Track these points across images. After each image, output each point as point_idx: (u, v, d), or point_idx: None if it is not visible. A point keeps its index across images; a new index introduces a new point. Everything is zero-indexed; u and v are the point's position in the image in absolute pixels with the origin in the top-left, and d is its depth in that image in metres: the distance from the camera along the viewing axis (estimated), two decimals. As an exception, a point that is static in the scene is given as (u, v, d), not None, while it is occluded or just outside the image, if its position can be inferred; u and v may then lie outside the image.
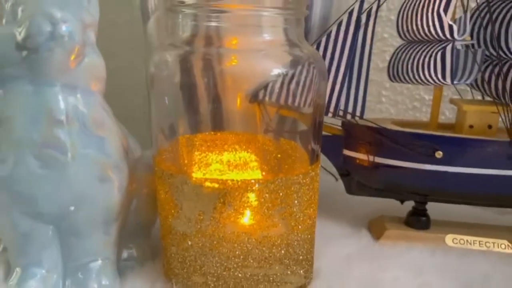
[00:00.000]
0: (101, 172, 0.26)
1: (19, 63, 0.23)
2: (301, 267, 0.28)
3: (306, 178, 0.27)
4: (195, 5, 0.26)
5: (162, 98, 0.28)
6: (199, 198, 0.26)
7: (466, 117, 0.34)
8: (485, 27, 0.32)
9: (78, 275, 0.28)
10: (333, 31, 0.33)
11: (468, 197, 0.35)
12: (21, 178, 0.24)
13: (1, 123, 0.24)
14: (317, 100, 0.28)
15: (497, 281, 0.31)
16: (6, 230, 0.27)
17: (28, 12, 0.23)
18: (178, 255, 0.27)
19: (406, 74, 0.34)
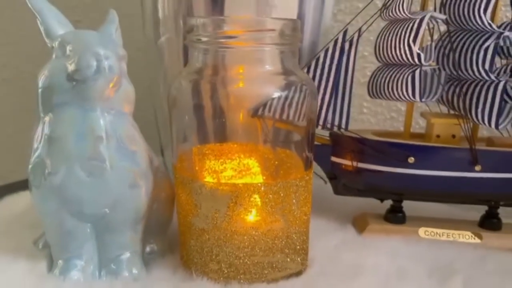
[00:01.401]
0: (132, 179, 0.31)
1: (68, 91, 0.28)
2: (299, 255, 0.34)
3: (302, 181, 0.32)
4: (207, 42, 0.31)
5: (180, 116, 0.34)
6: (215, 199, 0.31)
7: (434, 128, 0.40)
8: (447, 54, 0.38)
9: (111, 265, 0.32)
10: (321, 57, 0.39)
11: (437, 195, 0.41)
12: (70, 186, 0.29)
13: (53, 141, 0.29)
14: (309, 115, 0.34)
15: (460, 265, 0.36)
16: (52, 228, 0.31)
17: (77, 50, 0.28)
18: (197, 247, 0.32)
19: (383, 92, 0.40)
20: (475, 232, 0.40)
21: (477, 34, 0.36)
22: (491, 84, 0.36)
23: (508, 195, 0.40)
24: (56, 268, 0.32)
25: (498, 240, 0.40)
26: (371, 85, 0.41)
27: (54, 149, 0.29)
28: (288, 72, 0.32)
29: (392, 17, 0.38)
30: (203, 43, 0.31)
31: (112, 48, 0.29)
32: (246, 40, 0.31)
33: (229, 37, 0.31)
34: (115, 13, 0.35)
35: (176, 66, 0.43)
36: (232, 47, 0.31)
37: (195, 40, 0.31)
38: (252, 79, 0.33)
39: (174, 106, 0.33)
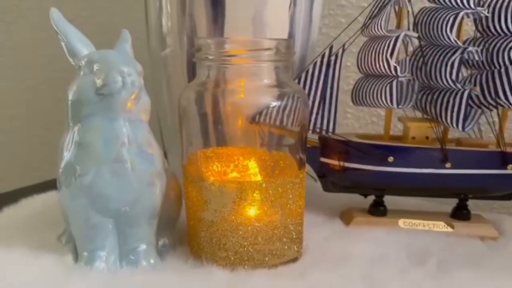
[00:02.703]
0: (150, 179, 0.35)
1: (96, 103, 0.33)
2: (295, 243, 0.39)
3: (297, 179, 0.37)
4: (213, 60, 0.36)
5: (189, 123, 0.38)
6: (223, 195, 0.36)
7: (410, 131, 0.45)
8: (420, 67, 0.43)
9: (130, 256, 0.36)
10: (310, 69, 0.44)
11: (413, 190, 0.46)
12: (98, 185, 0.33)
13: (82, 146, 0.33)
14: (302, 121, 0.38)
15: (434, 250, 0.41)
16: (79, 224, 0.35)
17: (103, 68, 0.32)
18: (207, 237, 0.37)
19: (364, 100, 0.45)
20: (447, 222, 0.45)
21: (445, 49, 0.42)
22: (458, 92, 0.42)
23: (475, 189, 0.45)
24: (82, 259, 0.36)
25: (467, 229, 0.45)
26: (354, 93, 0.46)
27: (83, 154, 0.33)
28: (282, 84, 0.37)
29: (372, 34, 0.43)
30: (209, 60, 0.36)
31: (133, 66, 0.33)
32: (246, 58, 0.36)
33: (231, 55, 0.35)
34: (127, 32, 0.39)
35: (180, 78, 0.47)
36: (234, 64, 0.36)
37: (202, 58, 0.36)
38: (251, 90, 0.37)
39: (184, 114, 0.38)
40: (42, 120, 0.91)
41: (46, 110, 0.90)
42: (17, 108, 0.91)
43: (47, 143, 0.90)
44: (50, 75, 0.88)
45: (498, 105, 0.42)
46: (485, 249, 0.42)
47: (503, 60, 0.41)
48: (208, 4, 0.43)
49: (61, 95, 0.83)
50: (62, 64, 0.86)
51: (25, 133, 0.93)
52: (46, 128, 0.91)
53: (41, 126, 0.91)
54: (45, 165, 0.90)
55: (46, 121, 0.90)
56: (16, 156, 0.94)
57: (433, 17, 0.42)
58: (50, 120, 0.89)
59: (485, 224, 0.46)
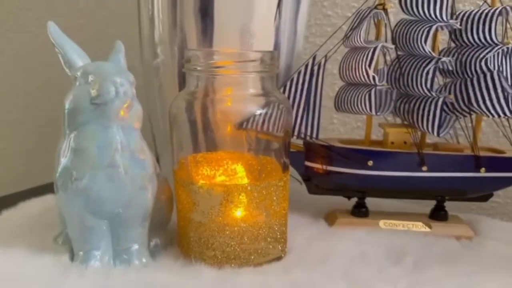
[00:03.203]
0: (142, 183, 0.38)
1: (90, 112, 0.35)
2: (279, 243, 0.41)
3: (281, 182, 0.40)
4: (201, 71, 0.38)
5: (179, 129, 0.41)
6: (211, 198, 0.38)
7: (389, 136, 0.47)
8: (398, 77, 0.46)
9: (123, 256, 0.38)
10: (295, 78, 0.46)
11: (393, 192, 0.48)
12: (93, 189, 0.35)
13: (78, 152, 0.35)
14: (286, 127, 0.41)
15: (412, 249, 0.43)
16: (75, 225, 0.38)
17: (98, 79, 0.35)
18: (195, 237, 0.39)
19: (346, 107, 0.48)
20: (425, 222, 0.48)
21: (420, 59, 0.44)
22: (433, 100, 0.44)
23: (451, 191, 0.48)
24: (78, 259, 0.38)
25: (444, 229, 0.47)
26: (337, 100, 0.49)
27: (79, 159, 0.35)
28: (267, 93, 0.40)
29: (352, 45, 0.46)
30: (198, 71, 0.38)
31: (126, 76, 0.36)
32: (233, 69, 0.38)
33: (219, 67, 0.38)
34: (121, 44, 0.42)
35: (171, 86, 0.49)
36: (222, 74, 0.38)
37: (191, 69, 0.39)
38: (237, 99, 0.40)
39: (174, 122, 0.40)
40: (38, 125, 0.93)
41: (42, 115, 0.92)
42: (15, 112, 0.93)
43: (43, 147, 0.92)
44: (46, 81, 0.90)
45: (471, 112, 0.45)
46: (460, 248, 0.45)
47: (475, 70, 0.44)
48: (197, 17, 0.45)
49: (57, 100, 0.86)
50: (58, 70, 0.88)
51: (21, 138, 0.95)
52: (41, 132, 0.93)
53: (37, 131, 0.93)
54: (42, 169, 0.92)
55: (42, 126, 0.92)
56: (13, 160, 0.96)
57: (410, 29, 0.44)
58: (46, 125, 0.91)
59: (461, 225, 0.48)
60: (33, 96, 0.92)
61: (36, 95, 0.92)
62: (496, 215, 0.62)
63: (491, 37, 0.43)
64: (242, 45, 0.46)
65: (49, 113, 0.91)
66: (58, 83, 0.89)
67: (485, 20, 0.43)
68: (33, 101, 0.92)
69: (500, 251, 0.44)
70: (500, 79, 0.43)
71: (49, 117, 0.91)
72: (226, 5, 0.45)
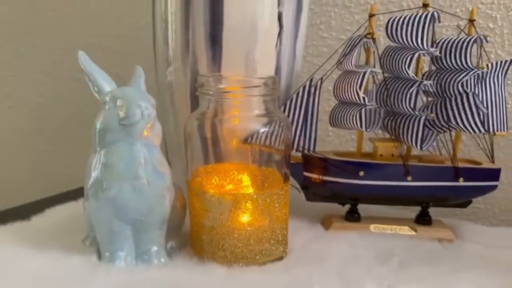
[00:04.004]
0: (161, 192, 0.43)
1: (118, 131, 0.41)
2: (281, 245, 0.46)
3: (282, 191, 0.45)
4: (212, 94, 0.44)
5: (192, 144, 0.46)
6: (221, 205, 0.43)
7: (378, 149, 0.53)
8: (385, 100, 0.52)
9: (144, 256, 0.44)
10: (294, 98, 0.52)
11: (382, 199, 0.54)
12: (120, 198, 0.41)
13: (108, 166, 0.41)
14: (286, 142, 0.46)
15: (398, 250, 0.48)
16: (103, 229, 0.43)
17: (125, 103, 0.40)
18: (208, 240, 0.44)
19: (339, 123, 0.53)
20: (411, 226, 0.53)
21: (405, 82, 0.50)
22: (416, 118, 0.50)
23: (433, 198, 0.53)
24: (104, 259, 0.43)
25: (428, 233, 0.53)
26: (331, 117, 0.54)
27: (108, 172, 0.41)
28: (270, 113, 0.45)
29: (345, 69, 0.51)
30: (209, 95, 0.44)
31: (149, 100, 0.41)
32: (240, 93, 0.44)
33: (227, 91, 0.44)
34: (140, 69, 0.47)
35: (184, 105, 0.55)
36: (230, 98, 0.44)
37: (204, 92, 0.44)
38: (243, 119, 0.45)
39: (188, 138, 0.46)
40: (50, 135, 0.98)
41: (54, 127, 0.97)
42: (28, 123, 0.98)
43: (54, 157, 0.98)
44: (57, 94, 0.95)
45: (451, 128, 0.50)
46: (442, 250, 0.50)
47: (453, 91, 0.49)
48: (207, 43, 0.51)
49: (67, 112, 0.92)
50: (68, 85, 0.95)
51: (34, 146, 1.00)
52: (52, 143, 0.98)
53: (48, 141, 0.98)
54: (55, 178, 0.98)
55: (54, 136, 0.98)
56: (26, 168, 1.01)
57: (395, 55, 0.50)
58: (58, 136, 0.97)
59: (444, 229, 0.54)
60: (45, 109, 0.97)
61: (48, 107, 0.97)
62: (477, 220, 0.67)
63: (467, 62, 0.49)
64: (247, 69, 0.52)
65: (60, 124, 0.96)
66: (69, 96, 0.95)
67: (461, 47, 0.49)
68: (45, 112, 0.98)
69: (478, 252, 0.49)
70: (475, 99, 0.48)
71: (59, 128, 0.97)
72: (233, 33, 0.50)
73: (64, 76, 0.93)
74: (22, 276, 0.41)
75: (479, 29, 0.64)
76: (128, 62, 0.85)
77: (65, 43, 0.91)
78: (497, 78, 0.50)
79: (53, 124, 0.97)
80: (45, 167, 0.99)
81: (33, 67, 0.95)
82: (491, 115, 0.50)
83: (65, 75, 0.93)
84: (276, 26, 0.52)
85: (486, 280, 0.43)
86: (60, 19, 0.90)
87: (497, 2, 0.63)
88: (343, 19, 0.71)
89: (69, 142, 0.96)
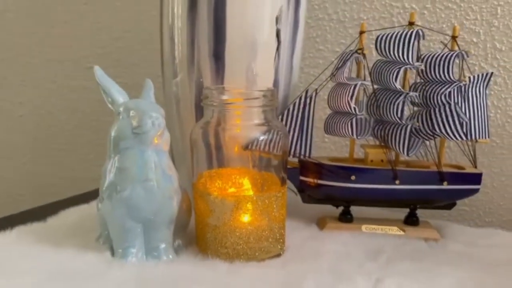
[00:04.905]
0: (169, 194, 0.47)
1: (131, 139, 0.45)
2: (278, 243, 0.50)
3: (280, 193, 0.49)
4: (216, 105, 0.48)
5: (197, 150, 0.50)
6: (224, 206, 0.48)
7: (369, 155, 0.57)
8: (374, 110, 0.56)
9: (154, 253, 0.48)
10: (291, 108, 0.56)
11: (372, 201, 0.58)
12: (133, 199, 0.45)
13: (121, 170, 0.45)
14: (283, 148, 0.50)
15: (387, 249, 0.52)
16: (116, 227, 0.47)
17: (138, 113, 0.45)
18: (211, 238, 0.49)
19: (333, 131, 0.57)
20: (400, 227, 0.57)
21: (393, 93, 0.54)
22: (403, 126, 0.54)
23: (419, 200, 0.57)
24: (117, 255, 0.48)
25: (415, 232, 0.57)
26: (326, 125, 0.59)
27: (122, 176, 0.45)
28: (268, 122, 0.49)
29: (338, 81, 0.56)
30: (213, 106, 0.48)
31: (159, 111, 0.46)
32: (241, 105, 0.48)
33: (230, 103, 0.48)
34: (150, 81, 0.52)
35: (189, 114, 0.59)
36: (232, 108, 0.48)
37: (208, 104, 0.49)
38: (244, 127, 0.50)
39: (194, 145, 0.50)
40: (59, 142, 1.02)
41: (64, 134, 1.02)
42: (38, 131, 1.03)
43: (62, 162, 1.02)
44: (67, 103, 1.00)
45: (435, 136, 0.55)
46: (427, 248, 0.54)
47: (437, 102, 0.54)
48: (211, 59, 0.55)
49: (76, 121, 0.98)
50: (76, 94, 1.00)
51: (42, 153, 1.05)
52: (62, 149, 1.03)
53: (56, 148, 1.03)
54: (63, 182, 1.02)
55: (62, 143, 1.02)
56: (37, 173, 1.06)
57: (383, 68, 0.55)
58: (66, 143, 1.01)
59: (430, 229, 0.58)
60: (55, 117, 1.02)
61: (57, 116, 1.02)
62: (464, 221, 0.72)
63: (449, 75, 0.53)
64: (247, 82, 0.56)
65: (69, 132, 1.01)
66: (77, 105, 1.00)
67: (444, 62, 0.53)
68: (54, 121, 1.02)
69: (460, 250, 0.53)
70: (456, 109, 0.53)
71: (69, 136, 1.02)
72: (234, 50, 0.55)
73: (73, 86, 0.98)
74: (44, 270, 0.45)
75: (464, 43, 0.68)
76: (136, 72, 0.90)
77: (75, 54, 0.96)
78: (479, 90, 0.55)
79: (62, 131, 1.01)
80: (55, 171, 1.03)
81: (45, 77, 1.00)
82: (473, 124, 0.54)
83: (74, 85, 0.98)
84: (274, 42, 0.56)
85: (465, 275, 0.47)
86: (71, 31, 0.95)
87: (480, 18, 0.68)
88: (337, 33, 0.76)
89: (78, 149, 1.01)
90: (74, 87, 0.99)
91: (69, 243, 0.51)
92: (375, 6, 0.73)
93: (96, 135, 0.97)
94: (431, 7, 0.70)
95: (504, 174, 0.70)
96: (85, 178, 0.99)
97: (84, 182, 0.99)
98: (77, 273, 0.45)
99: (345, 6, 0.75)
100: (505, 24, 0.67)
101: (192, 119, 0.59)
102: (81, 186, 0.77)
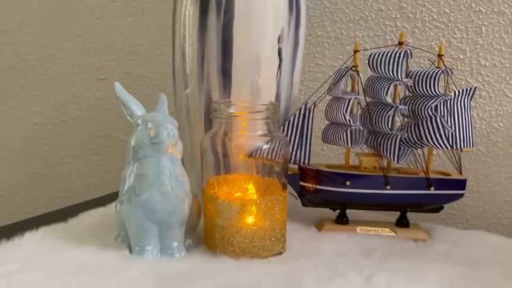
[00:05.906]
0: (182, 197, 0.52)
1: (149, 148, 0.50)
2: (280, 242, 0.55)
3: (281, 197, 0.55)
4: (223, 117, 0.54)
5: (206, 158, 0.56)
6: (231, 208, 0.53)
7: (363, 162, 0.62)
8: (367, 121, 0.61)
9: (167, 251, 0.53)
10: (291, 119, 0.61)
11: (366, 205, 0.63)
12: (150, 201, 0.50)
13: (140, 176, 0.51)
14: (285, 156, 0.56)
15: (379, 248, 0.57)
16: (134, 227, 0.52)
17: (155, 125, 0.50)
18: (219, 237, 0.54)
19: (330, 140, 0.63)
20: (392, 228, 0.62)
21: (384, 106, 0.60)
22: (393, 136, 0.60)
23: (409, 204, 0.62)
24: (135, 252, 0.53)
25: (406, 234, 0.62)
26: (323, 135, 0.64)
27: (140, 181, 0.51)
28: (271, 133, 0.55)
29: (334, 95, 0.61)
30: (221, 118, 0.54)
31: (173, 123, 0.51)
32: (246, 117, 0.54)
33: (236, 116, 0.53)
34: (164, 96, 0.57)
35: (198, 125, 0.65)
36: (238, 120, 0.54)
37: (216, 116, 0.54)
38: (249, 138, 0.55)
39: (203, 153, 0.56)
40: (72, 150, 1.08)
41: (76, 142, 1.07)
42: (52, 139, 1.08)
43: (75, 168, 1.07)
44: (81, 112, 1.06)
45: (423, 145, 0.60)
46: (416, 247, 0.59)
47: (424, 114, 0.59)
48: (219, 75, 0.61)
49: (88, 129, 1.04)
50: (88, 104, 1.07)
51: (56, 160, 1.10)
52: (74, 156, 1.08)
53: (70, 155, 1.08)
54: (78, 187, 1.07)
55: (75, 151, 1.07)
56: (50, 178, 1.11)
57: (375, 83, 0.60)
58: (80, 150, 1.07)
59: (420, 230, 0.63)
60: (68, 125, 1.07)
61: (70, 124, 1.07)
62: (453, 224, 0.77)
63: (435, 90, 0.59)
64: (251, 96, 0.62)
65: (82, 140, 1.06)
66: (89, 114, 1.05)
67: (431, 78, 0.59)
68: (68, 129, 1.08)
69: (446, 250, 0.58)
70: (441, 121, 0.58)
71: (81, 144, 1.07)
72: (240, 66, 0.61)
73: (86, 96, 1.04)
74: (70, 266, 0.50)
75: (451, 59, 0.74)
76: (146, 84, 0.96)
77: (88, 66, 1.02)
78: (464, 102, 0.60)
79: (75, 139, 1.06)
80: (69, 177, 1.08)
81: (59, 88, 1.05)
82: (458, 134, 0.59)
83: (87, 95, 1.03)
84: (276, 60, 0.62)
85: (448, 270, 0.52)
86: (84, 44, 1.01)
87: (466, 36, 0.73)
88: (335, 49, 0.81)
89: (91, 155, 1.06)
90: (87, 97, 1.04)
91: (90, 242, 0.56)
92: (370, 24, 0.78)
93: (108, 142, 1.03)
94: (421, 26, 0.76)
95: (489, 180, 0.76)
96: (98, 183, 1.05)
97: (97, 187, 1.05)
98: (101, 267, 0.50)
99: (342, 24, 0.80)
100: (489, 42, 0.72)
101: (201, 129, 0.64)
102: (94, 191, 0.82)
